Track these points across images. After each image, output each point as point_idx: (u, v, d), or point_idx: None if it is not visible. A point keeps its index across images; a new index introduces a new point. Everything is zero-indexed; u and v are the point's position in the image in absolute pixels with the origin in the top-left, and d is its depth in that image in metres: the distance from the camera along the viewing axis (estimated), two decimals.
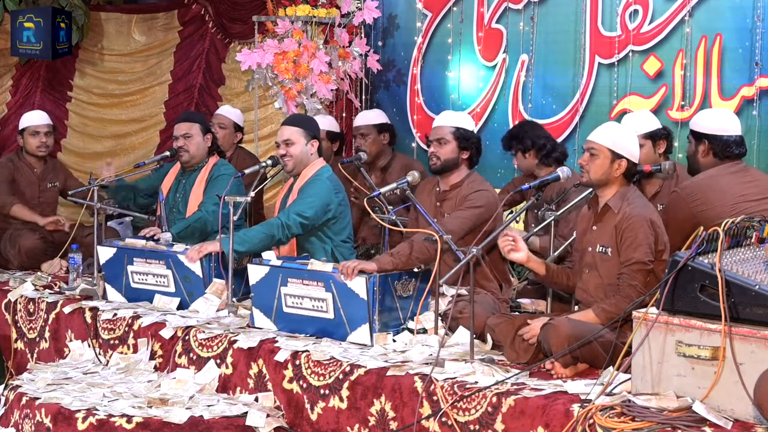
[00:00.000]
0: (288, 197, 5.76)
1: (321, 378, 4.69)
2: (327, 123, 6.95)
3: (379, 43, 7.74)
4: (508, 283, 5.40)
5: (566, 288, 4.87)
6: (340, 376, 4.62)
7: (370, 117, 6.92)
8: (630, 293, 4.43)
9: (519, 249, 4.66)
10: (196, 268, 5.57)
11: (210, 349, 5.13)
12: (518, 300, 5.55)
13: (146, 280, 5.77)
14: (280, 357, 4.85)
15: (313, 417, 4.73)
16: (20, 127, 7.28)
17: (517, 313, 5.34)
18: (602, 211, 4.65)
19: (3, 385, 5.52)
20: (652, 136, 5.44)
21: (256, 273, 5.20)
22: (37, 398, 4.79)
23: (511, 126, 6.96)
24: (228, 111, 7.36)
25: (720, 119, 5.10)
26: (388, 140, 6.90)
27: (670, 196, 5.15)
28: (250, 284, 5.24)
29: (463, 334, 4.80)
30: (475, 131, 5.42)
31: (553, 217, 5.27)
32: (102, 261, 5.90)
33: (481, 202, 5.20)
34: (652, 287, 4.15)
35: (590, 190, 4.83)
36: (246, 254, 5.55)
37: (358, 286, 4.88)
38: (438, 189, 5.39)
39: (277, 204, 5.90)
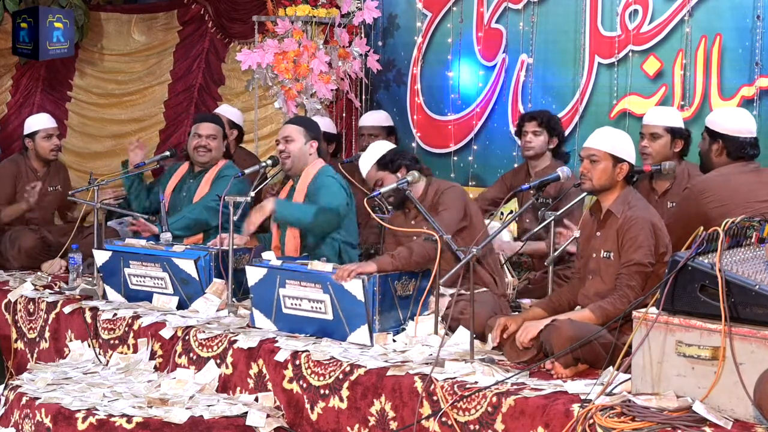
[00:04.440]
0: (291, 199, 5.76)
1: (321, 378, 4.69)
2: (324, 124, 6.95)
3: (379, 43, 7.74)
4: (500, 277, 5.39)
5: (572, 308, 4.83)
6: (340, 376, 4.63)
7: (379, 118, 6.95)
8: (627, 293, 4.43)
9: (511, 328, 4.59)
10: (192, 270, 5.57)
11: (210, 349, 5.13)
12: (518, 300, 5.54)
13: (144, 282, 5.77)
14: (280, 357, 4.85)
15: (313, 417, 4.73)
16: (29, 131, 7.22)
17: (517, 313, 5.34)
18: (605, 216, 4.64)
19: (3, 385, 5.52)
20: (673, 132, 5.44)
21: (254, 275, 5.20)
22: (37, 398, 4.79)
23: (511, 126, 6.97)
24: (226, 110, 7.36)
25: (736, 120, 5.07)
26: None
27: (682, 193, 5.16)
28: (249, 286, 5.24)
29: (463, 334, 4.80)
30: (390, 147, 5.41)
31: (553, 217, 5.27)
32: (99, 263, 5.91)
33: (452, 197, 5.21)
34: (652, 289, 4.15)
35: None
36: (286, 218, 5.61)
37: (355, 288, 4.88)
38: (408, 210, 5.38)
39: None
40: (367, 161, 5.38)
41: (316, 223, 5.55)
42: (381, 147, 5.44)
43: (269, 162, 5.88)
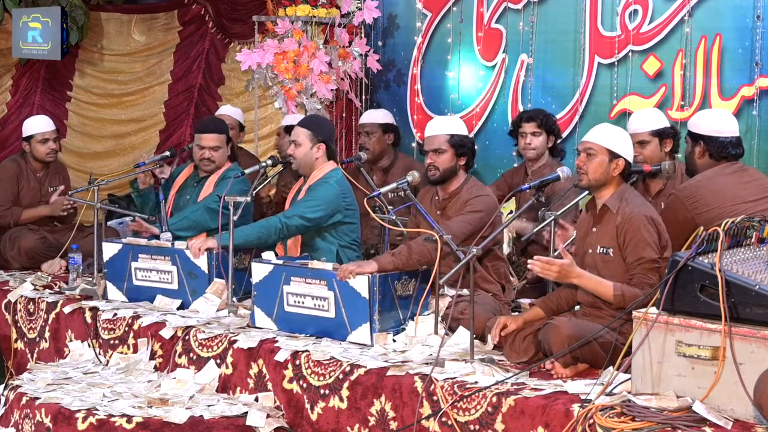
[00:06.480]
0: (297, 197, 5.76)
1: (321, 378, 4.69)
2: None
3: (379, 43, 7.74)
4: (508, 284, 5.40)
5: (571, 307, 4.83)
6: (340, 376, 4.63)
7: (376, 116, 6.94)
8: (647, 291, 4.38)
9: (510, 327, 4.65)
10: (202, 263, 5.58)
11: (210, 349, 5.13)
12: (518, 300, 5.54)
13: (149, 276, 5.78)
14: (280, 357, 4.85)
15: (313, 417, 4.73)
16: (26, 134, 7.19)
17: (517, 313, 5.34)
18: (601, 212, 4.63)
19: (3, 385, 5.52)
20: (660, 134, 5.43)
21: (259, 271, 5.21)
22: (37, 398, 4.80)
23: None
24: (231, 111, 7.36)
25: (716, 120, 5.08)
26: (393, 141, 6.92)
27: (668, 199, 5.13)
28: (253, 283, 5.25)
29: (463, 334, 4.80)
30: (467, 134, 5.40)
31: (553, 217, 5.27)
32: (106, 258, 5.91)
33: (482, 206, 5.19)
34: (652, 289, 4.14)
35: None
36: (239, 247, 5.57)
37: (360, 285, 4.88)
38: (437, 197, 5.38)
39: (287, 203, 5.89)
40: (445, 127, 5.31)
41: (279, 237, 5.58)
42: (464, 127, 5.40)
43: (269, 162, 5.88)
